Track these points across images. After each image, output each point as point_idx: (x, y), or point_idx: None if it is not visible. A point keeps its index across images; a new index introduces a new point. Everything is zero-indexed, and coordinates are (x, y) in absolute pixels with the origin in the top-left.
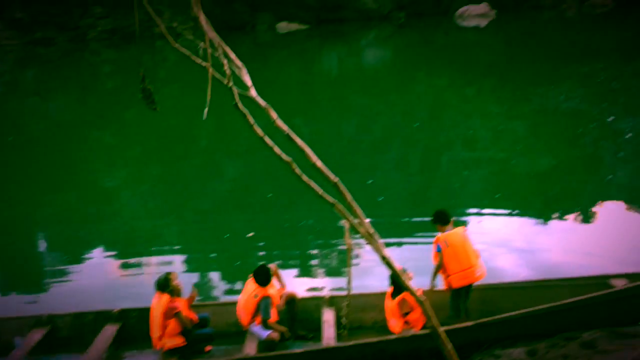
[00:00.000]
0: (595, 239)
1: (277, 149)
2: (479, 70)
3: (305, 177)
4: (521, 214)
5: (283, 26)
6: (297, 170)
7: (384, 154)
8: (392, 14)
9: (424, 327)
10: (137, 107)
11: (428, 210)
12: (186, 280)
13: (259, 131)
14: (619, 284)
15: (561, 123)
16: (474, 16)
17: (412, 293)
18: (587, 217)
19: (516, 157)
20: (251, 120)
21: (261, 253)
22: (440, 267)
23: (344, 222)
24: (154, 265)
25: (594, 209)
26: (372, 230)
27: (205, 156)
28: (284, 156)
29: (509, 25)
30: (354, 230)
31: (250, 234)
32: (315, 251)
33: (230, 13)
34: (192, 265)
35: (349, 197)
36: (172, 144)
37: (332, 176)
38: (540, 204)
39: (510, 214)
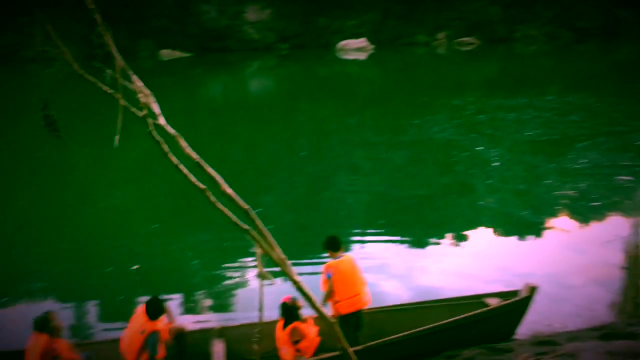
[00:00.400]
0: (469, 261)
1: (192, 177)
2: (360, 101)
3: (219, 205)
4: (402, 239)
5: (166, 53)
6: (212, 198)
7: (270, 183)
8: (275, 45)
9: (314, 354)
10: (5, 133)
11: (314, 238)
12: (65, 318)
13: (174, 159)
14: (493, 302)
15: (436, 152)
16: (354, 50)
17: (323, 315)
18: (461, 240)
19: (397, 184)
20: (165, 148)
21: (147, 286)
22: (329, 294)
23: (256, 249)
24: (25, 303)
25: (467, 233)
26: (283, 256)
27: (82, 185)
28: (199, 184)
29: (386, 59)
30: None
31: (135, 267)
32: (203, 282)
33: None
34: (70, 302)
35: (259, 223)
36: (44, 172)
37: (243, 204)
38: (419, 229)
39: (392, 239)
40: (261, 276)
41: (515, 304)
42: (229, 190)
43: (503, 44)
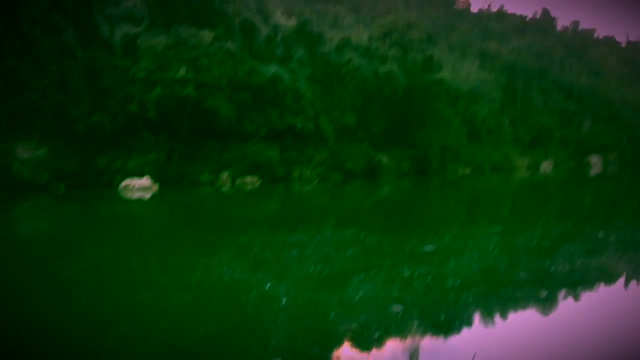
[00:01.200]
0: None
1: None
2: (144, 242)
3: None
4: None
5: None
6: None
7: (39, 339)
8: (50, 184)
9: None
10: None
11: None
12: None
13: None
14: None
15: (225, 292)
16: (137, 189)
17: None
18: None
19: (185, 327)
20: None
21: None
22: None
23: None
24: None
25: None
26: None
27: None
28: None
29: (171, 199)
30: None
31: None
32: None
33: None
34: None
35: None
36: None
37: None
38: None
39: None
40: None
41: None
42: None
43: (282, 183)
